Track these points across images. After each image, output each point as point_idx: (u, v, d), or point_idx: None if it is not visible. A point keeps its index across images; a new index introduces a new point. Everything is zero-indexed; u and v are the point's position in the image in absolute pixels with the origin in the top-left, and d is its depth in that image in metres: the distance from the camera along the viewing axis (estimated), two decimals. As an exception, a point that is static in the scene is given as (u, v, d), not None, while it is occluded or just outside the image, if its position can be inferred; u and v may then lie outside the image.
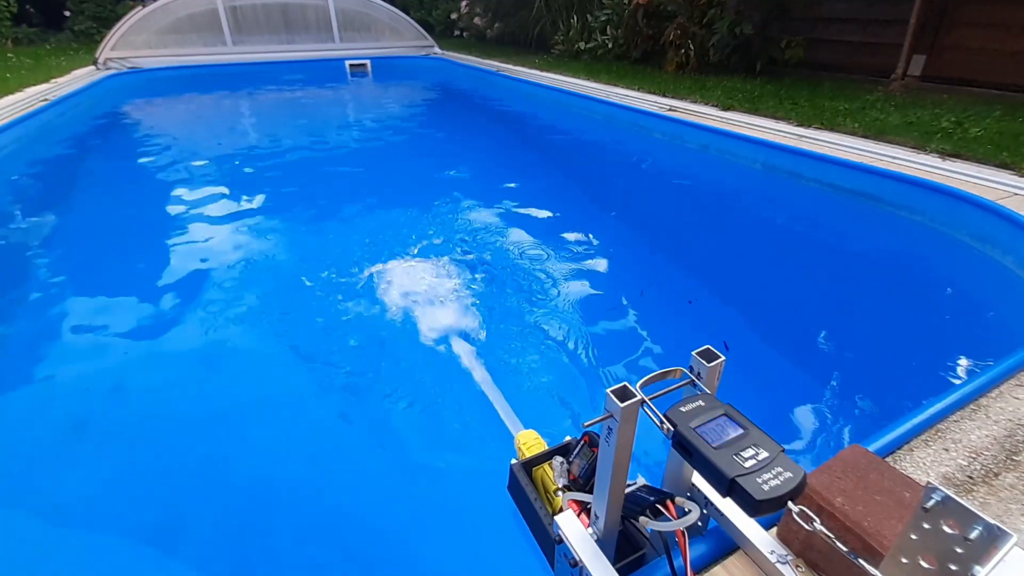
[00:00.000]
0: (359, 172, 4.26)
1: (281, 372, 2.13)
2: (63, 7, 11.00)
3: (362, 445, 1.83)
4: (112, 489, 1.61)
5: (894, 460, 1.15)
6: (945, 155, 3.44)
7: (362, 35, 10.16)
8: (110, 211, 3.51)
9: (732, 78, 6.31)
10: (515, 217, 3.47)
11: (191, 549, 1.46)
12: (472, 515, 1.56)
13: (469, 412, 1.87)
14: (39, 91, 5.88)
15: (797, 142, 3.87)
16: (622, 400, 0.70)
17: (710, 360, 0.79)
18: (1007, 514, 1.03)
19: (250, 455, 1.77)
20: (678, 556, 0.81)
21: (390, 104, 7.71)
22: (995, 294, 2.54)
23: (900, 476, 0.87)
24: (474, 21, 11.61)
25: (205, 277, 2.72)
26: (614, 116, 5.53)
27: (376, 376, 2.11)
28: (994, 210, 2.65)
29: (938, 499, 0.63)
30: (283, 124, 6.33)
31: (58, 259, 2.93)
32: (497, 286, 2.66)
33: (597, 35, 8.18)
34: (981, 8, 5.10)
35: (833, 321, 2.47)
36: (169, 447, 1.77)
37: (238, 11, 9.20)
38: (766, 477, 0.65)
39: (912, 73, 5.58)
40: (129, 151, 4.97)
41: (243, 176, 4.16)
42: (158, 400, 1.96)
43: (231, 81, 8.59)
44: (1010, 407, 1.30)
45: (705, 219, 3.72)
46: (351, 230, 3.29)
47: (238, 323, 2.38)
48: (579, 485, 1.04)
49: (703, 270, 3.02)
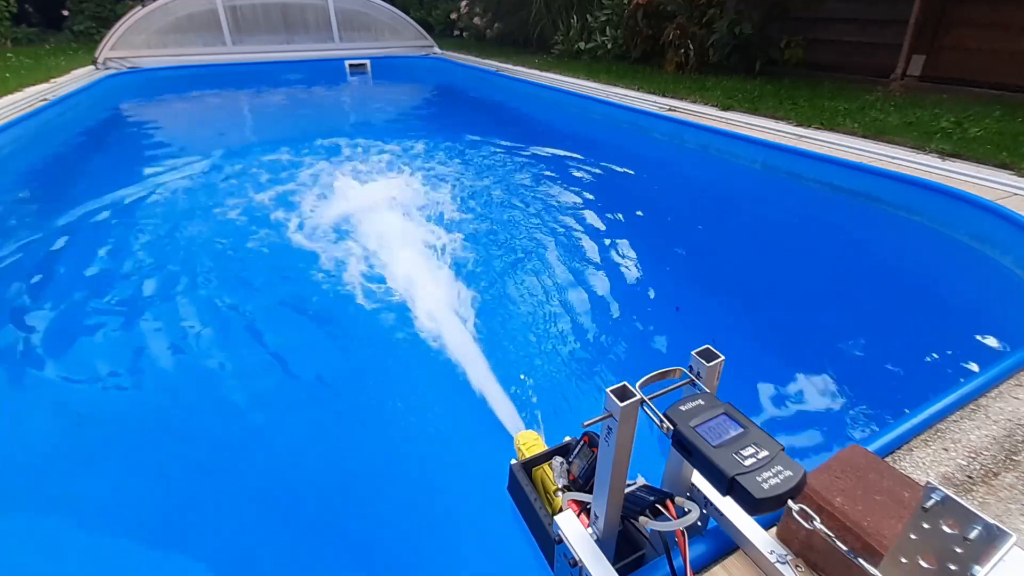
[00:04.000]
0: (358, 173, 4.25)
1: (281, 371, 2.14)
2: (62, 7, 10.98)
3: (362, 445, 1.83)
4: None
5: (894, 460, 1.15)
6: (945, 155, 3.45)
7: (362, 35, 10.15)
8: (109, 211, 3.50)
9: (732, 78, 6.31)
10: (515, 216, 3.47)
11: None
12: (472, 515, 1.56)
13: (469, 412, 1.87)
14: (39, 91, 5.88)
15: (797, 142, 3.87)
16: (621, 400, 0.70)
17: (709, 360, 0.79)
18: (1006, 514, 1.03)
19: (251, 455, 1.77)
20: (678, 556, 0.81)
21: (390, 103, 7.70)
22: (994, 294, 2.54)
23: (899, 476, 0.87)
24: (474, 21, 11.60)
25: (204, 275, 2.72)
26: (613, 116, 5.53)
27: (377, 376, 2.11)
28: (993, 210, 2.65)
29: (937, 499, 0.63)
30: (283, 124, 6.33)
31: (57, 258, 2.93)
32: (497, 287, 2.66)
33: (597, 35, 8.18)
34: (980, 8, 5.11)
35: (833, 321, 2.47)
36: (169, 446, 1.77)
37: (237, 11, 9.19)
38: (766, 476, 0.65)
39: (911, 73, 5.58)
40: (128, 151, 4.97)
41: (243, 175, 4.16)
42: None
43: (231, 81, 8.59)
44: (1009, 407, 1.30)
45: (705, 219, 3.72)
46: (351, 229, 3.28)
47: (242, 323, 2.38)
48: (579, 485, 1.04)
49: (703, 270, 3.02)
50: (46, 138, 4.98)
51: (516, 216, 3.48)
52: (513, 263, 2.90)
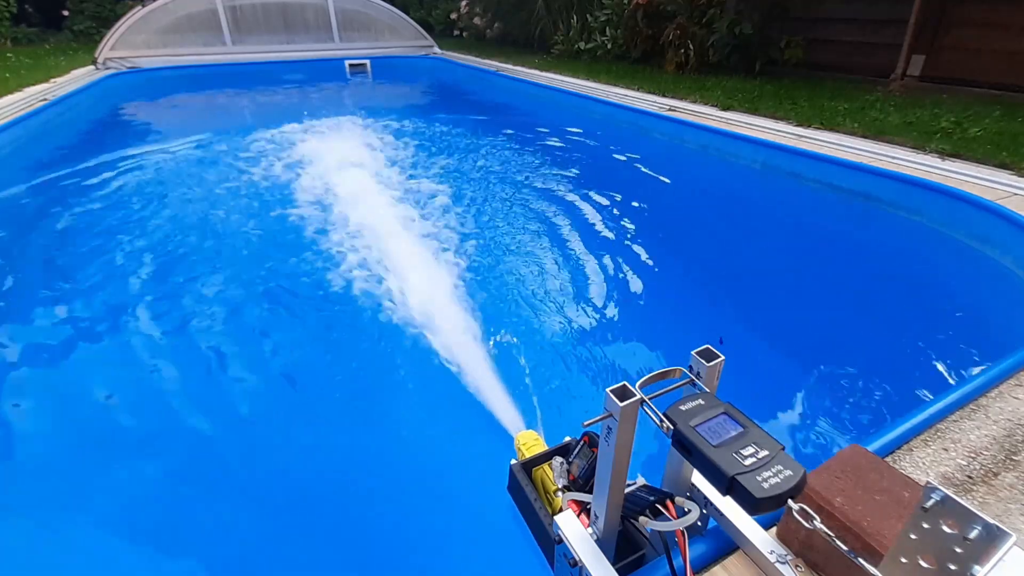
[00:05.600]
0: (358, 171, 4.25)
1: (284, 372, 2.14)
2: (62, 7, 10.98)
3: (362, 445, 1.83)
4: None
5: (893, 460, 1.15)
6: (944, 155, 3.45)
7: (361, 35, 10.15)
8: (109, 210, 3.50)
9: (732, 78, 6.31)
10: (514, 216, 3.47)
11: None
12: (472, 515, 1.56)
13: (469, 412, 1.87)
14: (38, 91, 5.88)
15: (797, 142, 3.87)
16: (621, 399, 0.70)
17: (709, 359, 0.79)
18: (1006, 514, 1.03)
19: (248, 454, 1.77)
20: (678, 556, 0.81)
21: (389, 103, 7.70)
22: (994, 294, 2.54)
23: (899, 476, 0.87)
24: (473, 21, 11.61)
25: (203, 272, 2.72)
26: (613, 116, 5.53)
27: (377, 377, 2.11)
28: (993, 210, 2.65)
29: (937, 499, 0.63)
30: (283, 124, 6.32)
31: (56, 258, 2.93)
32: (496, 286, 2.66)
33: (597, 35, 8.18)
34: (980, 8, 5.11)
35: (833, 321, 2.47)
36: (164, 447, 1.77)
37: (237, 11, 9.19)
38: (766, 475, 0.65)
39: (911, 73, 5.58)
40: (128, 151, 4.96)
41: (242, 175, 4.15)
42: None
43: (231, 81, 8.58)
44: (1009, 407, 1.30)
45: (704, 218, 3.72)
46: (347, 230, 3.28)
47: (245, 325, 2.38)
48: (579, 485, 1.04)
49: (702, 270, 3.02)
50: (46, 138, 4.98)
51: (515, 217, 3.48)
52: (513, 263, 2.90)
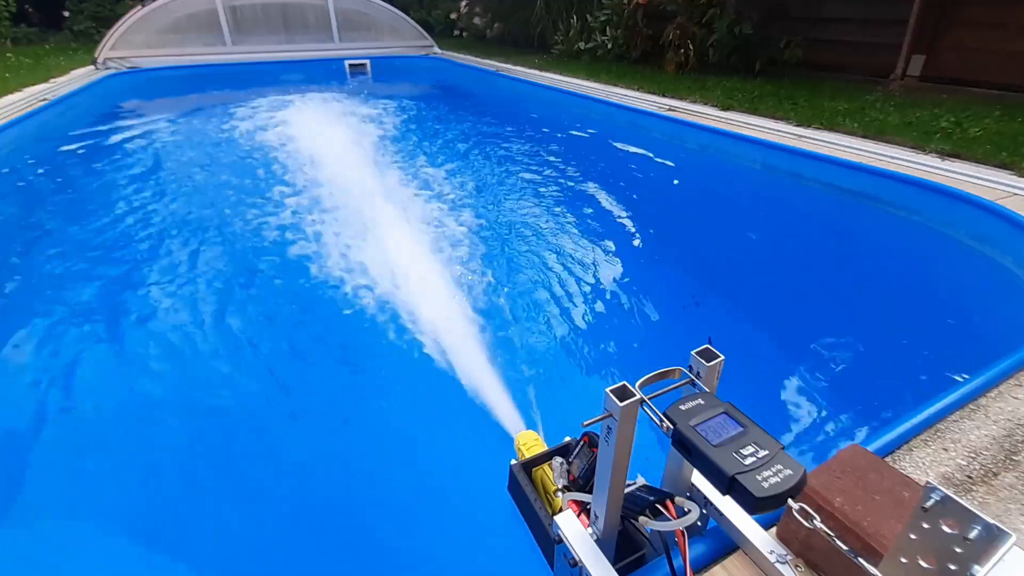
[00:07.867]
0: (358, 171, 4.25)
1: (283, 371, 2.14)
2: (62, 7, 10.97)
3: (361, 445, 1.83)
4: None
5: (893, 460, 1.15)
6: (944, 155, 3.45)
7: (361, 35, 10.15)
8: (108, 210, 3.50)
9: (731, 78, 6.31)
10: (514, 216, 3.47)
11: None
12: (472, 515, 1.56)
13: (469, 412, 1.87)
14: (38, 91, 5.88)
15: (797, 142, 3.87)
16: (621, 399, 0.70)
17: (709, 359, 0.79)
18: (1006, 514, 1.03)
19: (247, 453, 1.77)
20: (678, 556, 0.81)
21: (389, 103, 7.69)
22: (994, 294, 2.54)
23: (899, 476, 0.87)
24: (474, 21, 11.61)
25: (202, 271, 2.72)
26: (613, 116, 5.53)
27: (376, 376, 2.11)
28: (993, 210, 2.65)
29: (937, 499, 0.63)
30: (283, 123, 6.31)
31: (55, 259, 2.92)
32: (496, 288, 2.66)
33: (597, 35, 8.18)
34: (980, 8, 5.11)
35: (833, 321, 2.47)
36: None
37: (237, 11, 9.19)
38: (766, 474, 0.64)
39: (911, 73, 5.58)
40: (128, 151, 4.96)
41: (243, 175, 4.15)
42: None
43: (231, 81, 8.57)
44: (1009, 407, 1.30)
45: (704, 218, 3.72)
46: (346, 229, 3.28)
47: (248, 325, 2.38)
48: (579, 485, 1.04)
49: (702, 269, 3.02)
50: (46, 138, 4.97)
51: (516, 217, 3.48)
52: (513, 263, 2.90)
